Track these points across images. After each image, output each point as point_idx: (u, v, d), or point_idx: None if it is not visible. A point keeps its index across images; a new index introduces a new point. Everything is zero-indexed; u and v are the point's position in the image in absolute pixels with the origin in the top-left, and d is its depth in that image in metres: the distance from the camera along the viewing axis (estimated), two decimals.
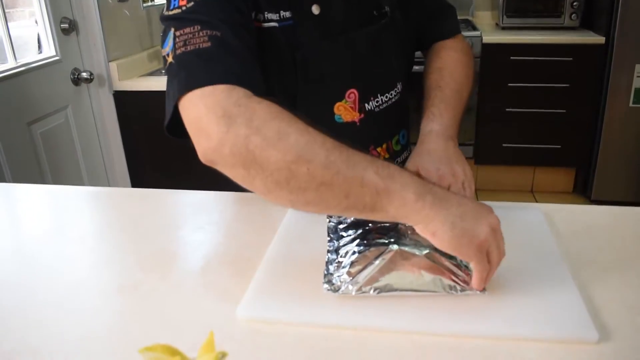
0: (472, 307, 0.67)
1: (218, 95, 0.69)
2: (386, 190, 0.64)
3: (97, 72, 2.26)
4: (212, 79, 0.69)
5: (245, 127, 0.66)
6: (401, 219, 0.67)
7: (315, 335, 0.65)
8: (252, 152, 0.65)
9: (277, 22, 0.84)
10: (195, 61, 0.72)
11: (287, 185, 0.65)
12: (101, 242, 0.91)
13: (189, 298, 0.73)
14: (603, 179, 2.97)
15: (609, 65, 2.76)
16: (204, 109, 0.69)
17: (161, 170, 2.43)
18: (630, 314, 0.67)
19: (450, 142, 0.90)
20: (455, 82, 0.99)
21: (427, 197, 0.64)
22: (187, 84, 0.70)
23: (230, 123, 0.67)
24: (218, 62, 0.72)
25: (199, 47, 0.72)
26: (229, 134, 0.66)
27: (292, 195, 0.66)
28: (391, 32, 1.00)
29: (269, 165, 0.65)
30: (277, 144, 0.65)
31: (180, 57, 0.73)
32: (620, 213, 0.95)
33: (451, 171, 0.86)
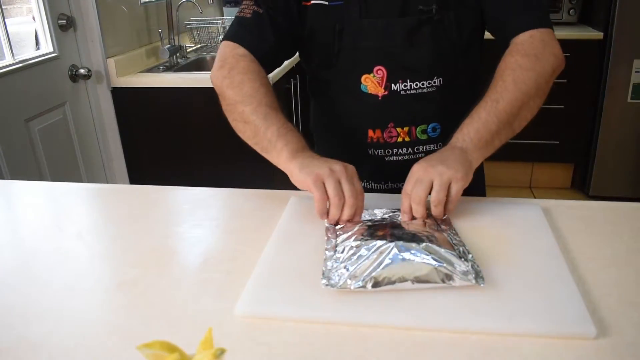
0: (470, 303, 0.67)
1: (228, 47, 1.04)
2: (274, 143, 0.91)
3: (95, 68, 2.26)
4: (234, 37, 1.05)
5: (227, 71, 1.00)
6: (278, 166, 0.91)
7: (314, 331, 0.65)
8: (222, 88, 1.01)
9: (328, 1, 1.04)
10: (236, 23, 1.07)
11: (231, 114, 0.99)
12: (99, 239, 0.91)
13: (188, 294, 0.73)
14: (601, 174, 2.97)
15: (607, 60, 2.76)
16: (220, 52, 1.05)
17: (159, 166, 2.42)
18: (628, 310, 0.67)
19: (456, 150, 0.89)
20: (495, 92, 0.95)
21: (296, 156, 0.88)
22: (225, 34, 1.08)
23: (221, 66, 1.02)
24: (245, 29, 1.05)
25: (244, 15, 1.05)
26: (217, 72, 1.02)
27: (232, 121, 1.00)
28: (433, 28, 1.03)
29: (226, 99, 1.00)
30: (235, 88, 0.98)
31: (236, 17, 1.08)
32: (618, 208, 0.95)
33: (430, 167, 0.85)
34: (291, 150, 0.89)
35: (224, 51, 1.04)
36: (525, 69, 0.96)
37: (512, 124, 0.95)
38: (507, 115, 0.93)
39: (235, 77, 0.99)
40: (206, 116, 2.28)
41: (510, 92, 0.94)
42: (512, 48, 1.00)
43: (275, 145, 0.91)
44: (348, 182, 0.83)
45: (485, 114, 0.93)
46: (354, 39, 1.04)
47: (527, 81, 0.95)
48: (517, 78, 0.95)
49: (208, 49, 2.88)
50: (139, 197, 1.07)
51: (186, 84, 2.25)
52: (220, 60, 1.03)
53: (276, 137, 0.91)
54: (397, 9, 1.03)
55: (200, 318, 0.68)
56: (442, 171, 0.84)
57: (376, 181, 1.13)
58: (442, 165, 0.85)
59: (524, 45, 0.99)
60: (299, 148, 0.90)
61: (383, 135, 1.09)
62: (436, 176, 0.84)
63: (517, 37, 1.01)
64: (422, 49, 1.04)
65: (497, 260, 0.76)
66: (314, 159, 0.87)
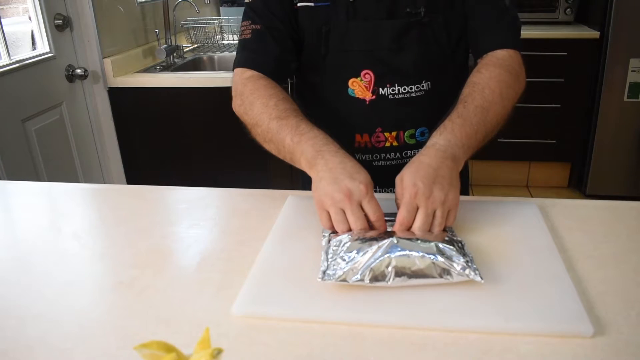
0: (467, 302, 0.67)
1: (237, 74, 1.05)
2: (293, 153, 0.89)
3: (91, 68, 2.25)
4: (240, 63, 1.06)
5: (239, 99, 1.01)
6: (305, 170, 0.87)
7: (311, 330, 0.65)
8: (241, 117, 1.01)
9: (314, 3, 1.03)
10: (240, 48, 1.07)
11: (257, 136, 0.97)
12: (96, 239, 0.91)
13: (185, 294, 0.73)
14: (598, 173, 2.98)
15: (604, 59, 2.76)
16: (233, 83, 1.05)
17: (156, 166, 2.42)
18: (625, 308, 0.68)
19: (448, 162, 0.82)
20: (484, 99, 0.92)
21: (314, 164, 0.84)
22: (234, 62, 1.08)
23: (235, 96, 1.03)
24: (249, 50, 1.05)
25: (245, 38, 1.06)
26: (234, 103, 1.03)
27: (261, 144, 0.97)
28: (421, 31, 1.03)
29: (247, 124, 1.00)
30: (248, 112, 0.98)
31: (239, 41, 1.09)
32: (615, 207, 0.95)
33: (428, 193, 0.78)
34: (307, 160, 0.85)
35: (234, 80, 1.05)
36: (509, 86, 0.96)
37: (490, 136, 0.93)
38: (491, 126, 0.92)
39: (246, 101, 0.98)
40: (203, 116, 2.28)
41: (497, 105, 0.93)
42: (495, 61, 1.00)
43: (295, 156, 0.88)
44: (352, 213, 0.77)
45: (476, 120, 0.90)
46: (341, 41, 1.04)
47: (510, 98, 0.96)
48: (503, 92, 0.94)
49: (205, 48, 2.88)
50: (135, 197, 1.07)
51: (183, 84, 2.25)
52: (233, 90, 1.03)
53: (292, 149, 0.88)
54: (384, 11, 1.02)
55: (198, 318, 0.68)
56: (443, 199, 0.78)
57: None
58: (442, 191, 0.78)
59: (507, 62, 0.99)
60: (315, 153, 0.84)
61: (371, 140, 1.09)
62: (439, 205, 0.78)
63: (495, 52, 1.01)
64: (410, 52, 1.03)
65: (494, 259, 0.76)
66: (328, 171, 0.80)
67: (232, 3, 3.23)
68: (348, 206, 0.77)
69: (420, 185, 0.78)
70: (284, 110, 0.93)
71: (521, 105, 0.98)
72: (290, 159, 0.90)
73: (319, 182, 0.81)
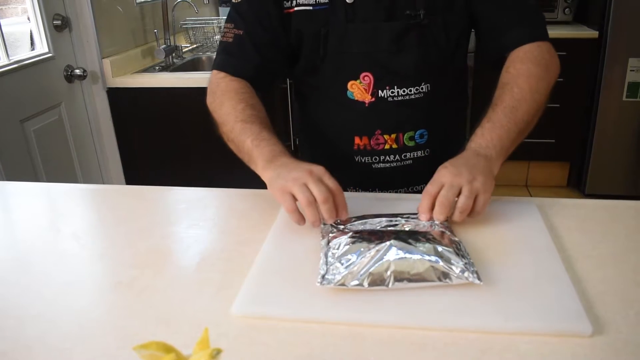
0: (466, 302, 0.67)
1: (213, 75, 1.08)
2: (251, 155, 0.92)
3: (90, 68, 2.25)
4: (218, 65, 1.07)
5: (212, 97, 1.05)
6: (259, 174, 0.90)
7: (310, 330, 0.65)
8: (211, 111, 1.04)
9: (312, 6, 1.02)
10: (220, 50, 1.09)
11: (222, 134, 1.02)
12: (95, 239, 0.91)
13: (184, 295, 0.73)
14: (597, 173, 2.98)
15: (603, 59, 2.76)
16: (209, 81, 1.08)
17: (156, 167, 2.42)
18: (624, 307, 0.68)
19: (481, 158, 0.87)
20: (513, 98, 0.94)
21: (268, 166, 0.87)
22: (213, 63, 1.10)
23: (208, 93, 1.07)
24: (228, 54, 1.07)
25: (226, 41, 1.07)
26: (207, 98, 1.06)
27: (225, 142, 1.01)
28: (420, 33, 1.02)
29: (215, 123, 1.03)
30: (217, 110, 1.02)
31: (219, 42, 1.10)
32: (614, 206, 0.95)
33: (456, 171, 0.83)
34: (264, 160, 0.89)
35: (210, 79, 1.08)
36: (539, 78, 0.97)
37: (525, 132, 0.95)
38: (524, 123, 0.94)
39: (217, 100, 1.03)
40: (202, 116, 2.26)
41: (527, 101, 0.94)
42: (521, 55, 1.00)
43: (252, 157, 0.92)
44: (315, 184, 0.81)
45: (506, 121, 0.92)
46: (340, 44, 1.03)
47: (541, 90, 0.97)
48: (532, 87, 0.95)
49: (204, 49, 2.87)
50: (134, 197, 1.07)
51: (182, 84, 2.24)
52: (208, 88, 1.07)
53: (251, 150, 0.92)
54: (383, 13, 1.01)
55: (197, 318, 0.68)
56: (471, 179, 0.82)
57: (363, 188, 1.11)
58: (471, 174, 0.82)
59: (534, 54, 1.00)
60: (271, 157, 0.89)
61: (370, 142, 1.08)
62: (465, 183, 0.81)
63: (522, 47, 1.01)
64: (410, 54, 1.03)
65: (493, 258, 0.76)
66: (284, 167, 0.86)
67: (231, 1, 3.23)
68: (310, 180, 0.81)
69: (449, 167, 0.84)
70: (250, 116, 0.97)
71: None
72: (248, 159, 0.94)
73: (276, 177, 0.84)
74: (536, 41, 1.02)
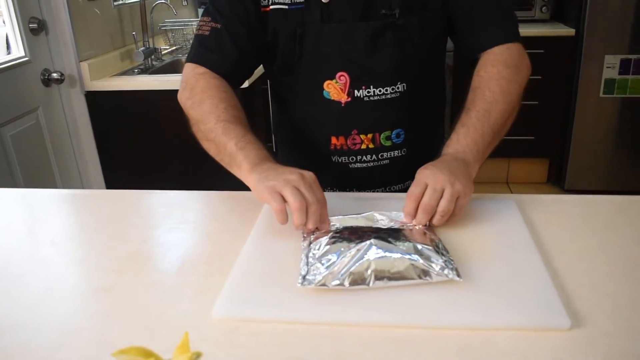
0: (446, 299, 0.67)
1: (189, 67, 1.05)
2: (235, 157, 0.90)
3: (68, 72, 2.23)
4: (194, 58, 1.05)
5: (189, 92, 1.02)
6: (243, 180, 0.89)
7: (292, 331, 0.65)
8: (187, 108, 1.02)
9: (288, 5, 1.01)
10: (196, 43, 1.06)
11: (197, 134, 1.00)
12: (75, 245, 0.90)
13: (164, 299, 0.73)
14: (576, 168, 3.02)
15: (580, 56, 2.80)
16: (183, 73, 1.06)
17: (136, 170, 2.40)
18: (601, 300, 0.69)
19: (459, 162, 0.88)
20: (485, 101, 0.96)
21: (254, 169, 0.86)
22: (187, 56, 1.07)
23: (184, 87, 1.04)
24: (205, 47, 1.04)
25: (202, 34, 1.05)
26: (181, 94, 1.04)
27: (200, 141, 0.99)
28: (396, 33, 1.02)
29: (190, 120, 1.01)
30: (195, 108, 0.99)
31: (195, 36, 1.08)
32: (591, 201, 0.97)
33: (439, 173, 0.83)
34: (250, 163, 0.87)
35: (185, 72, 1.05)
36: (509, 81, 0.98)
37: (500, 135, 0.96)
38: (498, 126, 0.95)
39: (196, 97, 0.99)
40: (182, 119, 2.26)
41: (500, 104, 0.96)
42: (492, 58, 1.01)
43: (236, 160, 0.90)
44: (307, 189, 0.80)
45: (480, 125, 0.93)
46: (316, 43, 1.03)
47: (513, 92, 0.98)
48: (504, 89, 0.97)
49: (183, 50, 2.86)
50: (114, 201, 1.06)
51: (161, 86, 2.23)
52: (183, 82, 1.04)
53: (235, 152, 0.90)
54: (359, 13, 1.01)
55: (178, 322, 0.67)
56: (453, 182, 0.82)
57: (340, 188, 1.11)
58: (452, 177, 0.83)
59: (504, 56, 1.01)
60: (258, 160, 0.88)
61: (347, 142, 1.08)
62: (447, 186, 0.82)
63: (493, 48, 1.02)
64: (386, 54, 1.03)
65: (472, 255, 0.77)
66: (272, 169, 0.85)
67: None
68: (302, 184, 0.80)
69: (431, 168, 0.85)
70: (232, 117, 0.95)
71: None
72: (229, 162, 0.92)
73: (264, 178, 0.82)
74: (508, 43, 1.03)
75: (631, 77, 2.79)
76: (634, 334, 0.63)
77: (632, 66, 2.77)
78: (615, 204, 0.95)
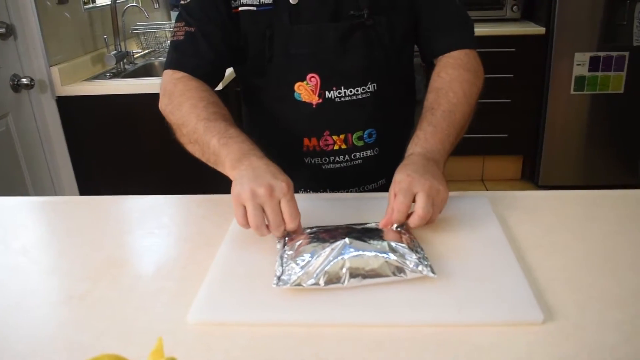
0: (422, 296, 0.68)
1: (167, 74, 1.04)
2: (218, 154, 0.88)
3: (38, 77, 2.19)
4: (171, 64, 1.04)
5: (167, 98, 1.00)
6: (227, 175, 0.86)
7: (269, 334, 0.64)
8: (167, 114, 1.00)
9: (256, 7, 1.01)
10: (172, 50, 1.05)
11: (181, 138, 0.98)
12: (47, 253, 0.88)
13: (139, 305, 0.72)
14: (549, 164, 3.07)
15: (550, 54, 2.85)
16: (162, 82, 1.04)
17: (110, 176, 2.37)
18: (573, 293, 0.70)
19: (432, 162, 0.87)
20: (449, 102, 0.97)
21: (236, 166, 0.83)
22: (165, 63, 1.06)
23: (162, 94, 1.02)
24: (181, 52, 1.04)
25: (177, 39, 1.04)
26: (160, 102, 1.02)
27: (185, 146, 0.97)
28: (365, 33, 1.03)
29: (173, 124, 0.99)
30: (175, 112, 0.97)
31: (170, 42, 1.07)
32: (562, 197, 0.99)
33: (424, 180, 0.81)
34: (232, 160, 0.85)
35: (163, 80, 1.04)
36: (471, 84, 1.01)
37: (460, 135, 0.98)
38: (460, 127, 0.97)
39: (175, 101, 0.98)
40: (156, 123, 2.22)
41: (463, 105, 0.98)
42: (452, 62, 1.04)
43: (219, 157, 0.88)
44: (272, 210, 0.77)
45: (446, 125, 0.94)
46: (285, 45, 1.03)
47: (474, 95, 1.01)
48: (466, 92, 0.99)
49: (156, 54, 2.83)
50: (87, 208, 1.04)
51: (134, 90, 2.20)
52: (162, 90, 1.02)
53: (218, 149, 0.88)
54: (328, 14, 1.02)
55: (152, 328, 0.67)
56: (428, 185, 0.80)
57: (314, 189, 1.11)
58: (427, 179, 0.81)
59: (464, 61, 1.04)
60: (240, 155, 0.85)
61: (319, 143, 1.08)
62: (425, 189, 0.80)
63: (452, 52, 1.05)
64: (355, 54, 1.03)
65: (446, 253, 0.77)
66: (250, 169, 0.81)
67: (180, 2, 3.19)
68: (268, 202, 0.77)
69: (414, 175, 0.82)
70: (212, 113, 0.93)
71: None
72: (214, 160, 0.89)
73: (240, 179, 0.80)
74: (465, 49, 1.06)
75: (600, 74, 2.84)
76: (605, 326, 0.64)
77: (602, 63, 2.83)
78: (586, 199, 0.97)
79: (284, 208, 0.78)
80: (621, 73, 2.84)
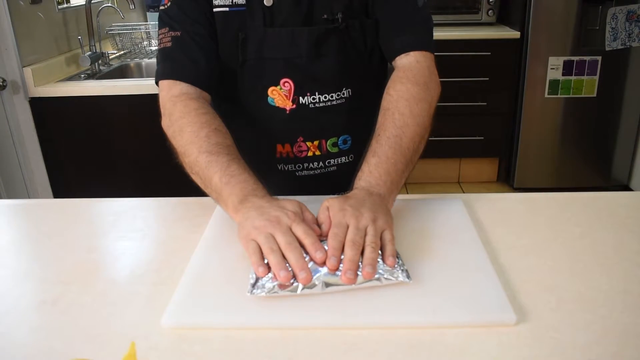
0: (396, 299, 0.68)
1: (163, 89, 0.99)
2: (220, 193, 0.83)
3: (10, 78, 2.15)
4: (164, 74, 0.99)
5: (168, 119, 0.95)
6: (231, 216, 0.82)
7: (243, 338, 0.64)
8: (169, 136, 0.95)
9: (229, 7, 0.99)
10: (161, 58, 1.00)
11: (183, 164, 0.92)
12: (19, 256, 0.87)
13: (112, 309, 0.71)
14: (524, 167, 3.11)
15: (525, 58, 2.89)
16: (160, 98, 0.99)
17: (84, 178, 2.33)
18: (545, 295, 0.71)
19: (374, 196, 0.81)
20: (395, 126, 0.90)
21: (239, 208, 0.79)
22: (156, 75, 1.02)
23: (163, 114, 0.97)
24: (172, 60, 0.99)
25: (164, 47, 1.00)
26: (162, 122, 0.97)
27: (186, 171, 0.91)
28: (339, 38, 1.01)
29: (174, 149, 0.94)
30: (177, 137, 0.92)
31: (158, 51, 1.02)
32: (536, 199, 1.00)
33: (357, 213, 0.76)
34: (234, 203, 0.80)
35: (161, 96, 0.99)
36: (419, 100, 0.94)
37: (413, 160, 0.91)
38: (410, 152, 0.90)
39: (175, 124, 0.93)
40: (130, 125, 2.22)
41: (411, 127, 0.91)
42: (401, 75, 0.98)
43: (222, 197, 0.83)
44: (283, 233, 0.72)
45: (392, 153, 0.88)
46: (259, 49, 1.01)
47: (423, 113, 0.93)
48: (414, 111, 0.92)
49: (132, 55, 2.80)
50: (60, 211, 1.03)
51: (109, 92, 2.18)
52: (161, 106, 0.98)
53: (220, 188, 0.83)
54: (301, 18, 1.00)
55: (126, 332, 0.66)
56: (374, 219, 0.75)
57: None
58: (372, 213, 0.76)
59: (413, 72, 0.98)
60: (243, 196, 0.80)
61: (293, 149, 1.07)
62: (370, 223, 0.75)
63: (401, 59, 1.00)
64: (329, 60, 1.02)
65: (420, 255, 0.78)
66: (254, 210, 0.76)
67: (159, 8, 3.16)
68: (278, 229, 0.72)
69: (349, 208, 0.76)
70: (215, 145, 0.88)
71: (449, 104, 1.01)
72: (217, 197, 0.85)
73: (245, 221, 0.76)
74: (419, 50, 1.00)
75: (574, 77, 2.89)
76: (577, 327, 0.65)
77: (575, 67, 2.87)
78: (558, 201, 0.98)
79: (296, 231, 0.73)
80: (594, 77, 2.89)
